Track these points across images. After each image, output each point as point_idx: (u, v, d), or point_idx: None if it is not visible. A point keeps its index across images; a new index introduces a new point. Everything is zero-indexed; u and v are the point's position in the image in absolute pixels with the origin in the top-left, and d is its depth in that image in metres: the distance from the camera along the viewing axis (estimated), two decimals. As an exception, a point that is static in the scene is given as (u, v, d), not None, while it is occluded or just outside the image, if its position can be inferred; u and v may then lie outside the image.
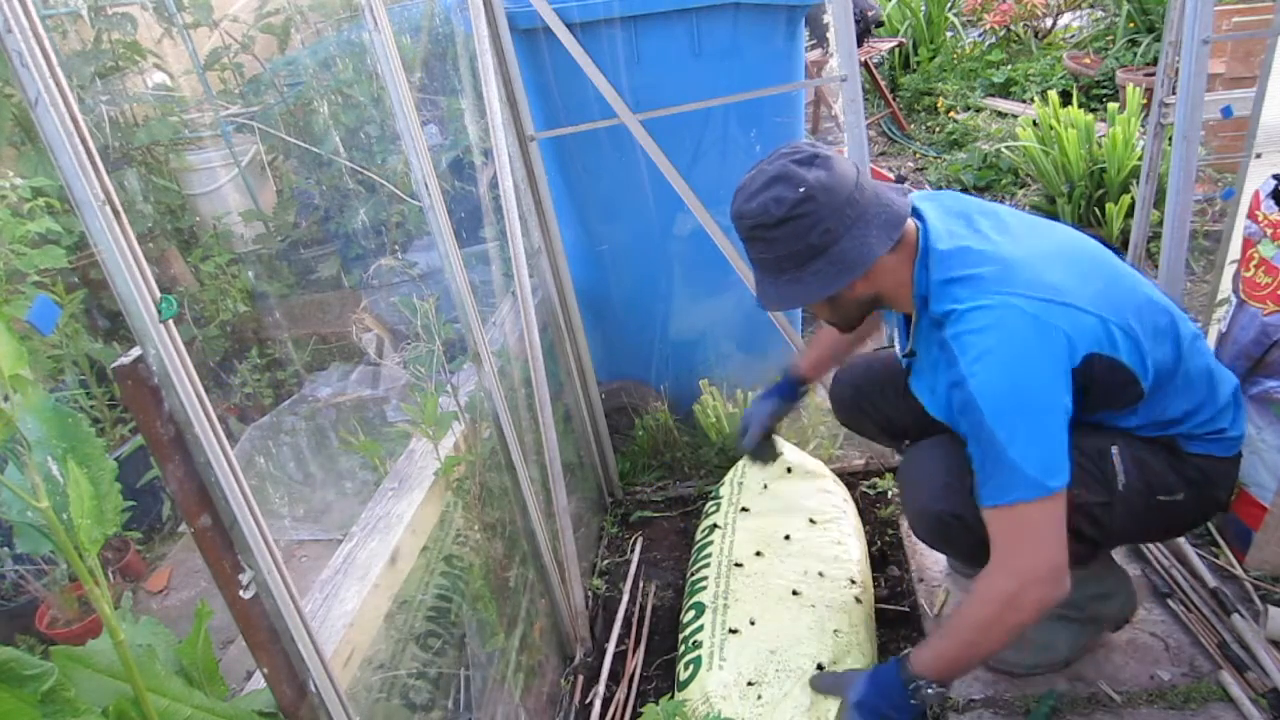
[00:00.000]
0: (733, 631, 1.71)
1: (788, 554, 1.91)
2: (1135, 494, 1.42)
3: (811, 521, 2.01)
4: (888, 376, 1.79)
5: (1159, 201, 2.09)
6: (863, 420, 1.89)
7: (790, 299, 1.39)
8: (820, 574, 1.85)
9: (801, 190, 1.30)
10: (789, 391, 1.95)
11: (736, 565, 1.88)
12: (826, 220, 1.31)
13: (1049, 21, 6.08)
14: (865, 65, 5.39)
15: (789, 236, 1.33)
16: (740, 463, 2.30)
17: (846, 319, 1.52)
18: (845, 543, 1.96)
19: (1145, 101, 3.58)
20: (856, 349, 1.97)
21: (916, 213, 1.44)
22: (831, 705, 1.55)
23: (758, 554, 1.91)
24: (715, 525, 2.06)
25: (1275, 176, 1.80)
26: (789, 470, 2.19)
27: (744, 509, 2.07)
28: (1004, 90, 5.53)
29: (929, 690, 1.39)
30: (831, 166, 1.33)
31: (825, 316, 1.53)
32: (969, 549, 1.54)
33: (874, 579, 2.10)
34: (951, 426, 1.42)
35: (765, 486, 2.15)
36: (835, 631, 1.70)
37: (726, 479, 2.26)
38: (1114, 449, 1.43)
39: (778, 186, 1.32)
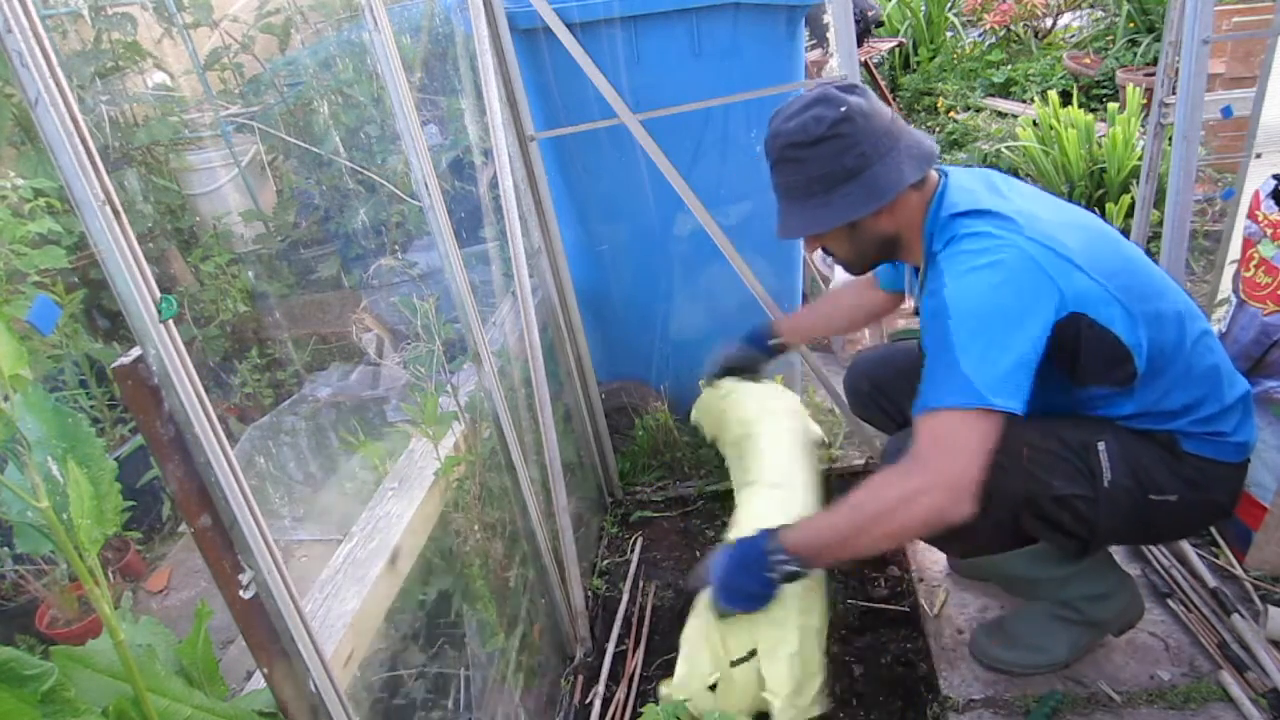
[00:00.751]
0: None
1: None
2: (1123, 491, 1.42)
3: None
4: (903, 369, 1.79)
5: (1159, 201, 2.09)
6: (877, 413, 1.89)
7: (815, 223, 1.38)
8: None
9: (842, 110, 1.32)
10: (757, 340, 1.96)
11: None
12: (863, 143, 1.33)
13: (1049, 21, 6.08)
14: (865, 65, 5.39)
15: (824, 156, 1.34)
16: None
17: (862, 255, 1.50)
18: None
19: (1145, 101, 3.59)
20: (848, 327, 1.94)
21: (943, 171, 1.47)
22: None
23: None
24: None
25: (1275, 176, 1.80)
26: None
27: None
28: (1004, 90, 5.53)
29: (787, 566, 1.33)
30: (870, 97, 1.36)
31: (841, 251, 1.50)
32: (942, 532, 1.55)
33: (874, 579, 2.10)
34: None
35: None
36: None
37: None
38: (1101, 444, 1.42)
39: (818, 106, 1.34)
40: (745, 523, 1.78)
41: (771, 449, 1.84)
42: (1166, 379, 1.40)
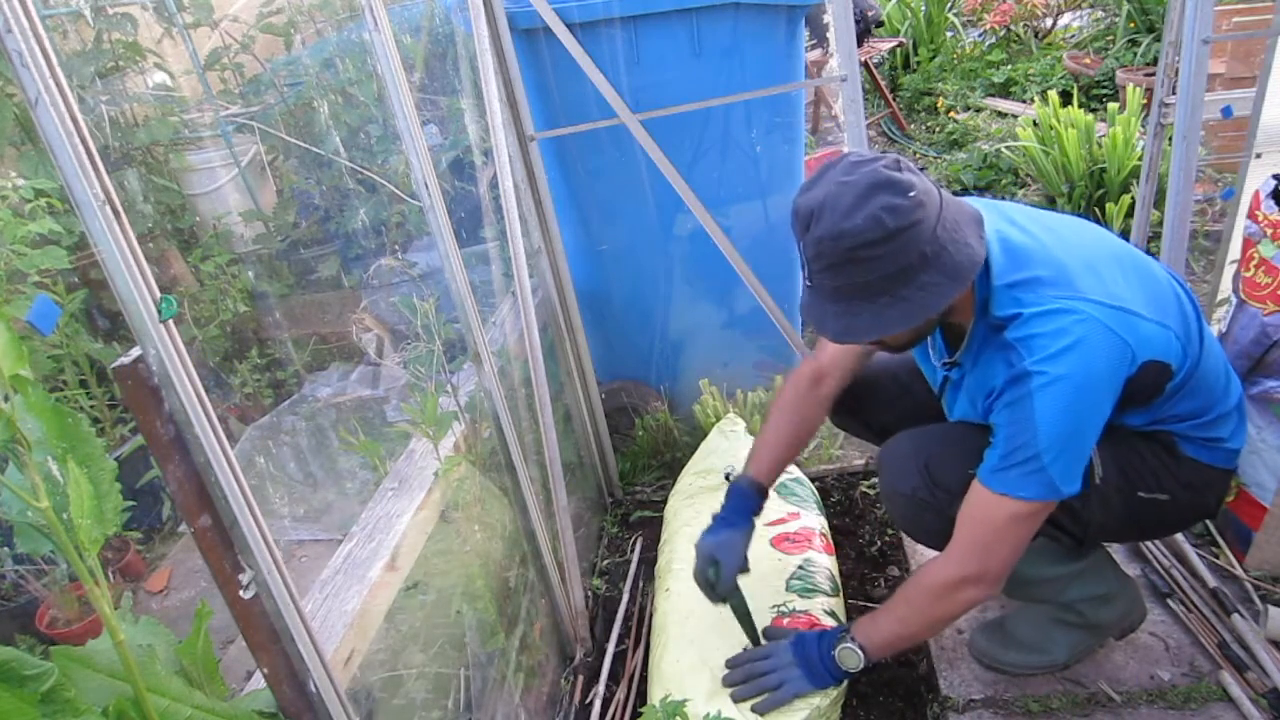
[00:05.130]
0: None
1: None
2: (1113, 489, 1.42)
3: None
4: (883, 381, 1.78)
5: (1159, 201, 2.09)
6: (855, 424, 1.88)
7: (895, 321, 1.21)
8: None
9: (912, 195, 1.16)
10: (755, 507, 1.70)
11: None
12: (935, 227, 1.18)
13: (1049, 21, 6.08)
14: (865, 65, 5.39)
15: (896, 252, 1.17)
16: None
17: (919, 337, 1.41)
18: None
19: (1145, 101, 3.59)
20: (809, 439, 1.82)
21: None
22: None
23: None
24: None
25: (1275, 176, 1.80)
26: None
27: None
28: (1004, 90, 5.53)
29: (852, 653, 1.48)
30: (911, 168, 1.22)
31: (902, 341, 1.38)
32: (940, 530, 1.55)
33: (873, 579, 2.10)
34: (977, 415, 1.42)
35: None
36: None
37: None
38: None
39: (883, 195, 1.16)
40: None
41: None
42: (1184, 390, 1.40)
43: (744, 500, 1.69)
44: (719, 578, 1.62)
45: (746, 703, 1.53)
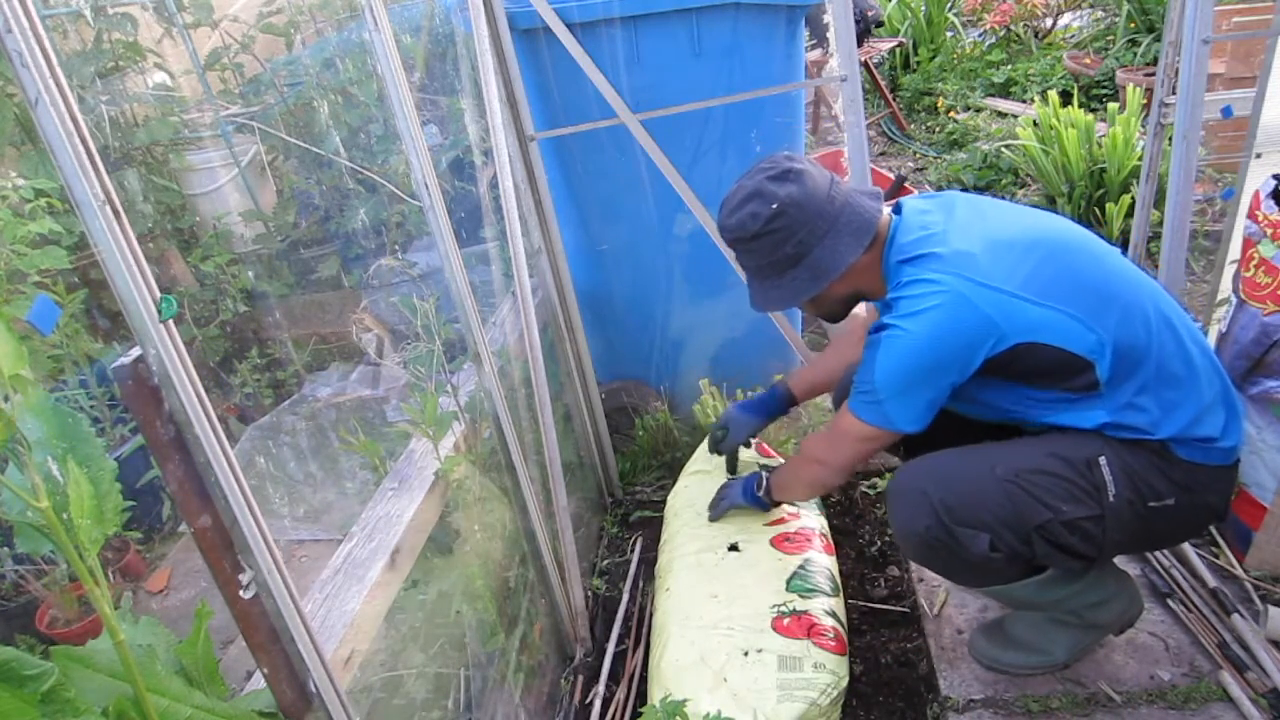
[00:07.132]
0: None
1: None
2: (1125, 504, 1.42)
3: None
4: None
5: (1159, 201, 2.09)
6: None
7: (774, 302, 1.53)
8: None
9: (774, 207, 1.42)
10: (777, 408, 2.05)
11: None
12: (799, 233, 1.43)
13: (1049, 21, 6.09)
14: (865, 65, 5.39)
15: (765, 248, 1.46)
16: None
17: (832, 314, 1.64)
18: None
19: (1145, 101, 3.59)
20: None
21: (899, 208, 1.52)
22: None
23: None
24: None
25: (1275, 176, 1.80)
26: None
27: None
28: (1004, 90, 5.54)
29: (761, 481, 1.92)
30: (804, 181, 1.43)
31: (812, 313, 1.66)
32: (955, 567, 1.56)
33: (874, 579, 2.10)
34: None
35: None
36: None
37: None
38: (1102, 459, 1.42)
39: (753, 203, 1.44)
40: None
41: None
42: (1136, 381, 1.39)
43: (773, 399, 2.05)
44: (724, 439, 2.07)
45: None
